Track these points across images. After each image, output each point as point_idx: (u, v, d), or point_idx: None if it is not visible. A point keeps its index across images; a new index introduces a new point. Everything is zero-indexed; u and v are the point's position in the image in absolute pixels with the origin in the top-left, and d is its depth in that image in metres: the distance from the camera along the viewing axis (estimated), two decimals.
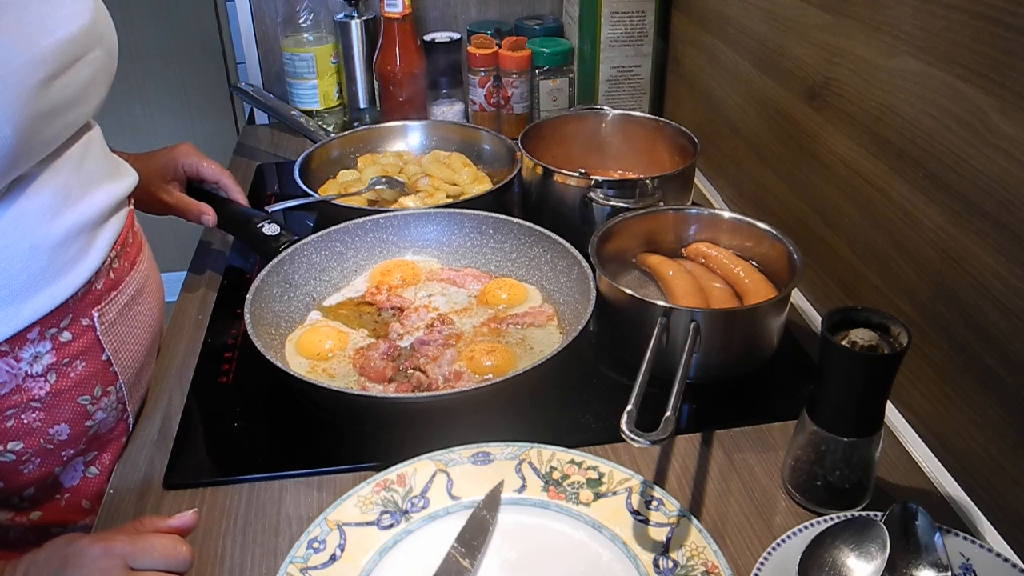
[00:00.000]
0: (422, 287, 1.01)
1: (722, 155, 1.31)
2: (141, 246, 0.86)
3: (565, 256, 0.97)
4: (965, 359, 0.76)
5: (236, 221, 1.08)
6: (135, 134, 2.40)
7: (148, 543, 0.56)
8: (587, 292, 0.89)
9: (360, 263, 1.03)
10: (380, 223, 1.04)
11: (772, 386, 0.90)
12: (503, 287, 1.00)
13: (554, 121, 1.26)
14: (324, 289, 1.00)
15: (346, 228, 1.01)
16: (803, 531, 0.68)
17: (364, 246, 1.03)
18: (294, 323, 0.95)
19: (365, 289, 1.01)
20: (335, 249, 1.01)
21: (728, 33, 1.25)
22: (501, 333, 0.93)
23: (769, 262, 0.95)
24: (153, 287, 0.87)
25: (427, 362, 0.87)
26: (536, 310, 0.97)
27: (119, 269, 0.79)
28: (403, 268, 1.03)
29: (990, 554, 0.65)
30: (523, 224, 1.03)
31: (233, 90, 1.59)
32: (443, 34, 1.51)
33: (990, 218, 0.71)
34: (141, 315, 0.83)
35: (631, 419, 0.66)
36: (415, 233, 1.06)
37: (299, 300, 0.96)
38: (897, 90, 0.83)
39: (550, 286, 1.00)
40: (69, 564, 0.54)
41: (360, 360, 0.88)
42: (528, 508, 0.72)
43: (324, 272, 1.00)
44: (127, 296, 0.79)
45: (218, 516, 0.75)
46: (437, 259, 1.06)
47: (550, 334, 0.94)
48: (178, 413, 0.87)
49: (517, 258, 1.04)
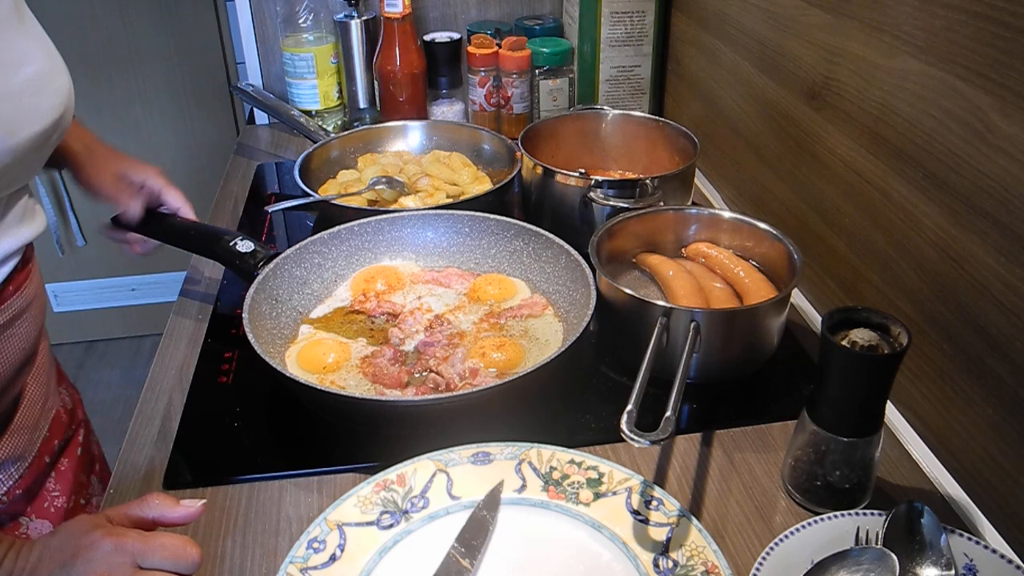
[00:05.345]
0: (409, 290, 1.01)
1: (722, 155, 1.31)
2: (31, 272, 0.84)
3: (549, 247, 0.99)
4: (965, 359, 0.76)
5: (207, 240, 1.01)
6: (135, 134, 2.40)
7: (159, 542, 0.56)
8: (587, 292, 0.89)
9: (339, 272, 1.01)
10: (354, 230, 1.02)
11: (772, 386, 0.90)
12: (491, 282, 1.00)
13: (554, 121, 1.26)
14: (308, 302, 0.98)
15: (321, 238, 0.99)
16: (803, 530, 0.68)
17: (341, 255, 1.02)
18: (287, 339, 0.92)
19: (350, 298, 0.99)
20: (313, 260, 0.99)
21: (728, 33, 1.25)
22: (502, 327, 0.94)
23: (769, 262, 0.95)
24: (36, 308, 0.84)
25: (438, 363, 0.87)
26: (529, 302, 0.98)
27: (3, 294, 0.78)
28: (385, 274, 1.02)
29: (994, 555, 0.65)
30: (499, 219, 1.03)
31: (233, 90, 1.59)
32: (443, 34, 1.51)
33: (990, 218, 0.71)
34: (15, 336, 0.80)
35: (631, 419, 0.66)
36: (389, 238, 1.05)
37: (287, 316, 0.94)
38: (897, 90, 0.83)
39: (535, 277, 1.01)
40: (80, 555, 0.54)
41: (370, 368, 0.87)
42: (528, 508, 0.72)
43: (306, 285, 0.98)
44: (5, 317, 0.78)
45: (218, 516, 0.75)
46: (415, 262, 1.05)
47: (549, 323, 0.95)
48: (178, 413, 0.87)
49: (497, 253, 1.04)
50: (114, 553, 0.54)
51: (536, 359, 0.90)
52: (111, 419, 2.43)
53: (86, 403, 1.08)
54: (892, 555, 0.60)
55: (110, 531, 0.56)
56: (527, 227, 1.01)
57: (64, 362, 1.05)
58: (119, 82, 2.33)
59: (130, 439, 0.84)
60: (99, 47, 2.27)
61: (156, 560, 0.55)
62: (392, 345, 0.91)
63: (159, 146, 2.43)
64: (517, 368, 0.87)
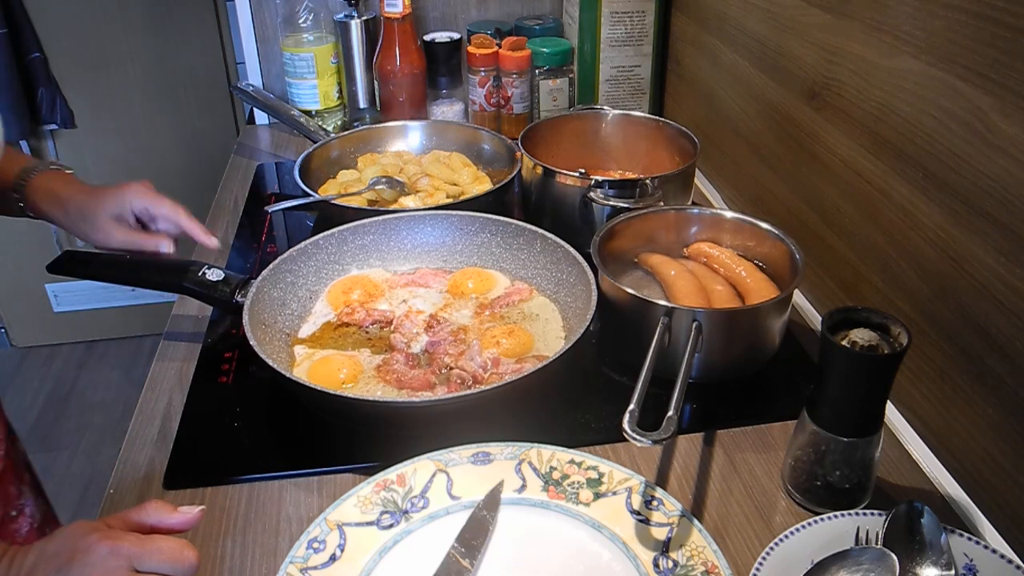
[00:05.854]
0: (390, 296, 1.00)
1: (722, 155, 1.31)
2: None
3: (520, 234, 1.01)
4: (965, 359, 0.76)
5: (173, 274, 0.95)
6: (135, 134, 2.40)
7: (155, 545, 0.56)
8: (588, 292, 0.89)
9: (311, 289, 0.99)
10: (319, 243, 1.00)
11: (772, 386, 0.90)
12: (469, 276, 1.02)
13: (554, 121, 1.26)
14: (291, 322, 0.95)
15: (291, 256, 0.97)
16: (803, 530, 0.68)
17: (310, 271, 1.00)
18: (284, 363, 0.89)
19: (333, 312, 0.97)
20: (287, 280, 0.97)
21: (728, 33, 1.25)
22: (502, 316, 0.96)
23: (771, 262, 0.95)
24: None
25: (454, 359, 0.88)
26: (513, 289, 1.00)
27: None
28: (360, 283, 1.01)
29: (994, 555, 0.65)
30: (462, 215, 1.05)
31: (233, 90, 1.59)
32: (443, 34, 1.51)
33: (990, 218, 0.71)
34: None
35: (633, 418, 0.66)
36: (353, 247, 1.03)
37: (279, 340, 0.92)
38: (897, 90, 0.83)
39: (509, 266, 1.03)
40: (76, 560, 0.54)
41: (391, 376, 0.86)
42: (528, 508, 0.72)
43: (285, 306, 0.95)
44: None
45: (218, 516, 0.75)
46: (382, 267, 1.05)
47: (542, 303, 0.98)
48: (178, 413, 0.87)
49: (464, 249, 1.05)
50: (110, 556, 0.54)
51: (545, 338, 0.92)
52: (111, 419, 2.44)
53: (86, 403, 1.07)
54: (892, 555, 0.60)
55: (106, 534, 0.56)
56: (492, 218, 1.03)
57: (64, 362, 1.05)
58: (119, 82, 2.33)
59: (130, 439, 0.84)
60: (99, 47, 2.27)
61: (153, 563, 0.55)
62: (400, 350, 0.91)
63: (159, 146, 2.43)
64: (531, 351, 0.90)
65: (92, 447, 2.31)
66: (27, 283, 2.55)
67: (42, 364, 2.61)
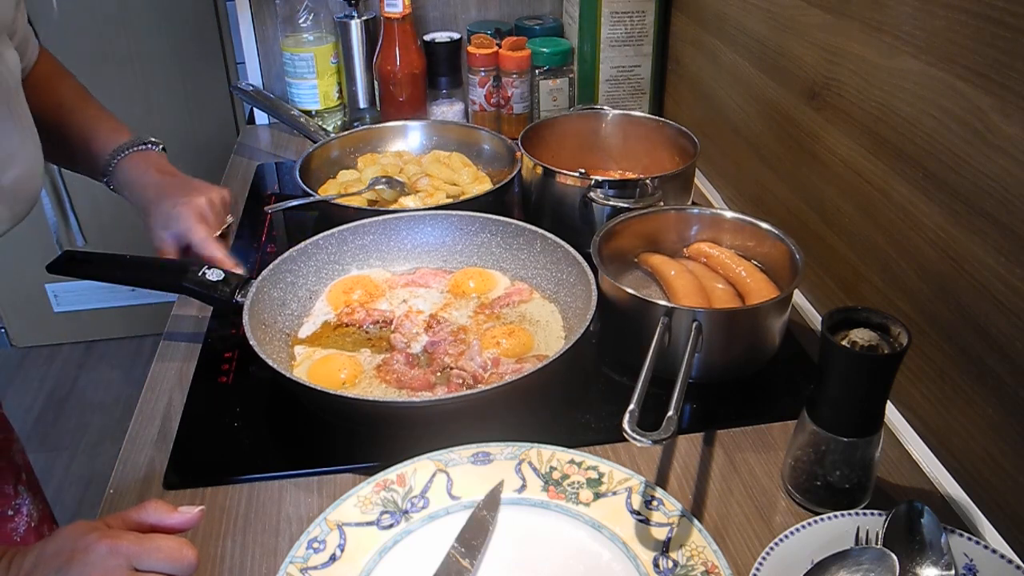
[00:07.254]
0: (391, 296, 1.00)
1: (722, 155, 1.31)
2: None
3: (520, 234, 1.01)
4: (965, 359, 0.76)
5: (173, 274, 0.95)
6: None
7: (154, 544, 0.56)
8: (588, 292, 0.89)
9: (311, 289, 1.00)
10: (319, 243, 1.00)
11: (772, 386, 0.90)
12: (470, 276, 1.02)
13: (554, 121, 1.26)
14: (291, 323, 0.95)
15: (291, 256, 0.97)
16: (803, 530, 0.68)
17: (310, 271, 1.00)
18: (284, 363, 0.89)
19: (333, 312, 0.97)
20: (287, 280, 0.97)
21: (728, 33, 1.25)
22: (500, 316, 0.96)
23: (771, 262, 0.95)
24: None
25: (454, 359, 0.88)
26: (513, 290, 0.99)
27: None
28: (360, 283, 1.01)
29: (994, 555, 0.65)
30: (462, 215, 1.05)
31: (233, 90, 1.59)
32: (443, 34, 1.51)
33: (990, 218, 0.71)
34: None
35: (633, 418, 0.66)
36: (353, 247, 1.04)
37: (279, 340, 0.92)
38: (897, 90, 0.83)
39: (509, 266, 1.03)
40: (75, 559, 0.54)
41: (391, 376, 0.86)
42: (528, 508, 0.72)
43: (285, 306, 0.96)
44: None
45: (218, 516, 0.75)
46: (382, 267, 1.05)
47: (542, 305, 0.98)
48: (178, 413, 0.87)
49: (464, 249, 1.05)
50: (109, 556, 0.54)
51: (545, 338, 0.92)
52: (111, 419, 2.44)
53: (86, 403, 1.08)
54: (892, 555, 0.60)
55: (106, 534, 0.56)
56: (492, 218, 1.03)
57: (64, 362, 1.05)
58: (119, 82, 2.33)
59: (130, 439, 0.84)
60: (99, 47, 2.27)
61: (152, 562, 0.55)
62: (399, 350, 0.91)
63: None
64: (531, 351, 0.90)
65: (92, 447, 2.31)
66: (27, 283, 2.55)
67: (42, 364, 2.61)
